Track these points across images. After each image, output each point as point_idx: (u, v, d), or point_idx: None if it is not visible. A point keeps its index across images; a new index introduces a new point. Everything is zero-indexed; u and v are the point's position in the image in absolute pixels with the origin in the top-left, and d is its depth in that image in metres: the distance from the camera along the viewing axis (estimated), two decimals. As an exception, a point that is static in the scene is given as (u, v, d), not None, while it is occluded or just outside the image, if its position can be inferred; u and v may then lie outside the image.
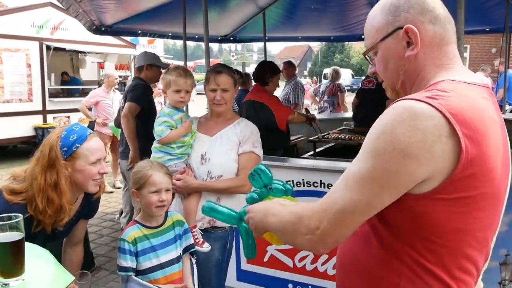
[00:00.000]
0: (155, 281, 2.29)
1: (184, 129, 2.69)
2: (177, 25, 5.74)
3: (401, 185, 1.06)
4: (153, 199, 2.26)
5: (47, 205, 1.99)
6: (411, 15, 1.20)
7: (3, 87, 10.08)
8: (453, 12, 3.14)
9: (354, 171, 1.11)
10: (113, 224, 6.02)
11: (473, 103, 1.10)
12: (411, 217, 1.10)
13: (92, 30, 5.69)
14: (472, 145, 1.04)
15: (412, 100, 1.07)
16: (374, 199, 1.09)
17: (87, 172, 2.09)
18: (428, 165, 1.03)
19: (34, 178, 2.00)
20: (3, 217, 1.31)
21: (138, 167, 2.36)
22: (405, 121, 1.04)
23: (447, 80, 1.16)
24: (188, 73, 2.75)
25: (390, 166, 1.04)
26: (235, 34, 7.62)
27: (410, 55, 1.21)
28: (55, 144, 2.04)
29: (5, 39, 10.10)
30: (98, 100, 7.33)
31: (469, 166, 1.04)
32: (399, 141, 1.03)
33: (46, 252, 1.47)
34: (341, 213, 1.11)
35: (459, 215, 1.08)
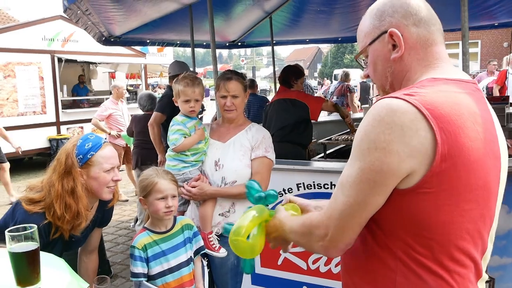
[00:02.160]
0: (166, 285, 2.32)
1: (198, 136, 2.72)
2: (185, 33, 5.80)
3: (387, 182, 1.10)
4: (160, 206, 2.30)
5: (65, 211, 2.06)
6: (395, 19, 1.25)
7: (17, 101, 10.26)
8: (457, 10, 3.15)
9: (347, 176, 1.17)
10: (129, 232, 6.07)
11: (450, 97, 1.14)
12: (399, 213, 1.14)
13: (102, 42, 5.77)
14: (448, 138, 1.07)
15: (390, 98, 1.12)
16: (367, 199, 1.13)
17: (101, 179, 2.17)
18: (408, 160, 1.07)
19: (52, 185, 2.08)
20: (18, 228, 1.35)
21: (144, 175, 2.41)
22: (383, 119, 1.09)
23: (429, 78, 1.21)
24: (196, 82, 2.75)
25: (374, 165, 1.09)
26: (243, 40, 7.65)
27: (395, 57, 1.26)
28: (71, 151, 2.13)
29: (18, 53, 10.29)
30: (110, 113, 7.40)
31: (448, 158, 1.07)
32: (379, 140, 1.08)
33: (61, 261, 1.51)
34: (343, 217, 1.17)
35: (445, 208, 1.11)
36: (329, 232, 1.20)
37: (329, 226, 1.20)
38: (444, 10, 6.33)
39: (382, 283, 1.21)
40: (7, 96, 10.13)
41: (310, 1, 6.10)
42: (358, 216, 1.16)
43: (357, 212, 1.16)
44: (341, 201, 1.18)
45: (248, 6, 5.90)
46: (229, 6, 5.62)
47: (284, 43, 8.42)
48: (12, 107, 10.19)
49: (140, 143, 5.66)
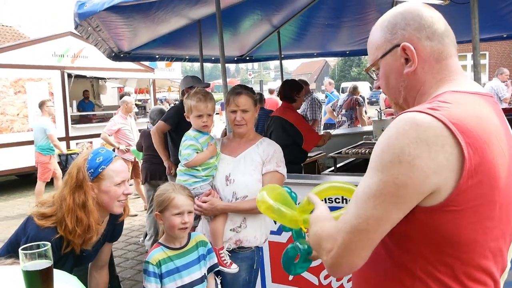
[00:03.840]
0: None
1: (210, 152, 2.72)
2: (194, 48, 5.84)
3: (410, 198, 1.06)
4: (176, 222, 2.29)
5: (76, 225, 2.07)
6: (407, 32, 1.22)
7: (27, 116, 10.35)
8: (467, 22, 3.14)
9: (363, 188, 1.11)
10: (138, 247, 6.05)
11: (475, 112, 1.11)
12: (423, 231, 1.10)
13: (111, 57, 5.82)
14: (475, 153, 1.04)
15: (413, 112, 1.09)
16: (386, 214, 1.07)
17: (112, 193, 2.18)
18: (434, 176, 1.03)
19: (63, 199, 2.09)
20: (32, 246, 1.34)
21: (161, 190, 2.40)
22: (408, 133, 1.05)
23: (448, 91, 1.17)
24: (208, 97, 2.76)
25: (398, 179, 1.04)
26: (251, 54, 7.69)
27: (408, 71, 1.23)
28: (82, 166, 2.14)
29: (28, 69, 10.42)
30: (119, 128, 7.45)
31: (474, 174, 1.04)
32: (404, 153, 1.04)
33: (74, 278, 1.50)
34: (354, 232, 1.10)
35: (470, 226, 1.08)
36: (334, 247, 1.13)
37: (336, 240, 1.13)
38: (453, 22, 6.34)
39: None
40: (17, 112, 10.23)
41: (318, 15, 6.13)
42: (373, 231, 1.09)
43: (372, 227, 1.08)
44: (355, 214, 1.10)
45: (256, 21, 5.95)
46: (237, 21, 5.66)
47: (292, 57, 8.44)
48: (22, 122, 10.28)
49: (150, 158, 5.67)
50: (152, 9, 4.23)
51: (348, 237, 1.10)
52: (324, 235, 1.18)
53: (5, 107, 10.01)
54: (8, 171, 9.79)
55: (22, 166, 10.07)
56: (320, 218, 1.31)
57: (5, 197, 9.23)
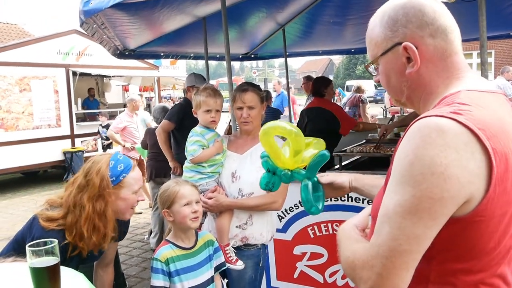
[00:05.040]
0: None
1: (216, 148, 2.72)
2: (199, 46, 5.83)
3: (447, 211, 0.99)
4: (186, 212, 2.28)
5: (93, 233, 2.05)
6: (409, 30, 1.15)
7: (33, 114, 10.39)
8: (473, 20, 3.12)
9: (395, 206, 1.01)
10: (143, 244, 6.07)
11: (495, 114, 1.05)
12: (444, 240, 1.03)
13: (116, 55, 5.82)
14: (500, 160, 0.99)
15: (436, 117, 1.01)
16: (426, 231, 0.99)
17: (130, 200, 2.19)
18: (469, 186, 0.97)
19: (81, 206, 2.04)
20: (39, 243, 1.35)
21: (163, 188, 2.40)
22: (436, 141, 0.97)
23: (463, 90, 1.10)
24: (217, 93, 2.77)
25: (433, 192, 0.96)
26: (256, 52, 7.68)
27: (411, 72, 1.16)
28: (105, 173, 2.10)
29: (33, 67, 10.46)
30: (125, 125, 7.47)
31: (500, 182, 0.99)
32: (435, 164, 0.96)
33: (81, 276, 1.50)
34: (395, 255, 1.01)
35: (494, 235, 1.03)
36: (372, 275, 1.03)
37: (373, 266, 1.03)
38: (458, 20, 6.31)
39: None
40: (22, 110, 10.27)
41: (323, 13, 6.11)
42: (416, 251, 1.00)
43: (415, 247, 0.99)
44: (390, 236, 1.01)
45: (261, 19, 5.93)
46: (242, 19, 5.65)
47: (297, 54, 8.43)
48: (27, 120, 10.32)
49: (154, 155, 5.68)
50: (157, 7, 4.22)
51: (389, 261, 1.01)
52: (359, 263, 1.08)
53: (11, 105, 10.05)
54: (14, 168, 9.84)
55: (27, 164, 10.12)
56: (348, 235, 1.22)
57: (11, 195, 9.26)
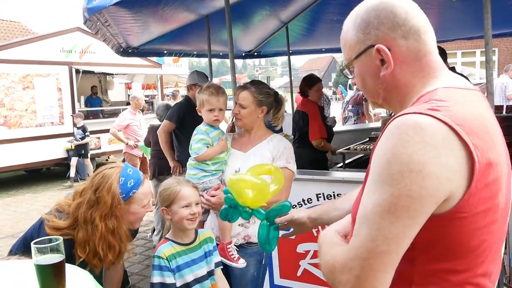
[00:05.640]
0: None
1: (220, 147, 2.72)
2: (202, 43, 5.82)
3: (426, 209, 0.97)
4: (185, 213, 2.29)
5: (108, 251, 2.04)
6: (381, 32, 1.14)
7: (36, 112, 10.41)
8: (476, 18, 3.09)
9: (373, 206, 0.99)
10: (146, 242, 6.08)
11: (473, 109, 1.05)
12: (426, 238, 1.01)
13: (120, 53, 5.82)
14: (482, 155, 0.98)
15: (413, 114, 1.00)
16: (405, 231, 0.97)
17: (139, 214, 2.20)
18: (448, 183, 0.95)
19: (94, 225, 2.02)
20: (44, 240, 1.35)
21: (165, 185, 2.40)
22: (414, 139, 0.96)
23: (440, 88, 1.09)
24: (220, 91, 2.77)
25: (412, 190, 0.94)
26: (259, 49, 7.66)
27: (385, 74, 1.15)
28: (116, 191, 2.08)
29: (37, 65, 10.47)
30: (128, 123, 7.47)
31: (482, 178, 0.97)
32: (413, 162, 0.94)
33: (86, 273, 1.50)
34: (373, 256, 0.98)
35: (477, 232, 1.01)
36: (351, 277, 1.00)
37: (352, 269, 1.00)
38: (462, 18, 6.30)
39: None
40: (26, 107, 10.29)
41: (326, 11, 6.09)
42: (395, 252, 0.98)
43: (393, 248, 0.97)
44: (368, 237, 0.99)
45: (264, 16, 5.92)
46: (246, 17, 5.64)
47: (300, 52, 8.41)
48: (30, 118, 10.35)
49: (157, 153, 5.68)
50: (161, 4, 4.22)
51: (367, 263, 0.99)
52: (338, 266, 1.05)
53: (14, 103, 10.08)
54: (17, 166, 9.87)
55: (30, 162, 10.14)
56: (329, 240, 1.19)
57: (14, 192, 9.29)
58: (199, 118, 2.87)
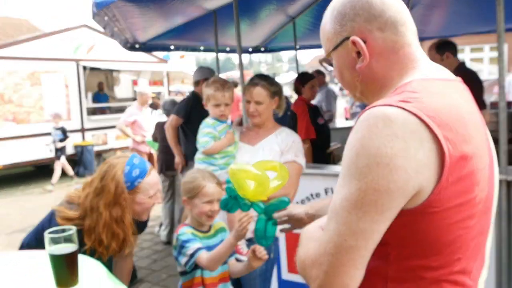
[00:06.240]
0: (200, 278, 2.32)
1: (227, 140, 2.72)
2: (209, 39, 5.82)
3: (395, 203, 0.95)
4: (205, 209, 2.30)
5: (112, 240, 2.05)
6: (357, 23, 1.12)
7: (43, 108, 10.46)
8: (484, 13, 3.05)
9: (341, 201, 0.98)
10: (153, 237, 6.10)
11: (449, 101, 1.02)
12: (399, 234, 1.00)
13: (127, 48, 5.82)
14: (454, 148, 0.95)
15: (384, 106, 0.98)
16: (373, 226, 0.95)
17: (146, 205, 2.19)
18: (416, 176, 0.93)
19: (98, 213, 2.04)
20: (57, 230, 1.36)
21: (190, 177, 2.40)
22: (382, 131, 0.94)
23: (416, 79, 1.07)
24: (226, 86, 2.77)
25: (379, 184, 0.93)
26: (266, 45, 7.64)
27: (361, 67, 1.13)
28: (120, 180, 2.09)
29: (44, 62, 10.52)
30: (135, 119, 7.49)
31: (454, 171, 0.95)
32: (381, 155, 0.92)
33: (98, 264, 1.51)
34: (341, 252, 0.97)
35: (451, 227, 0.98)
36: (320, 273, 0.99)
37: (321, 264, 0.99)
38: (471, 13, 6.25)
39: None
40: (34, 104, 10.35)
41: (334, 5, 6.06)
42: (363, 247, 0.96)
43: (361, 243, 0.95)
44: (336, 232, 0.97)
45: (271, 11, 5.90)
46: (253, 12, 5.62)
47: (307, 47, 8.36)
48: (39, 114, 10.40)
49: (164, 149, 5.69)
50: (168, -1, 4.22)
51: (335, 258, 0.97)
52: (309, 262, 1.04)
53: (22, 99, 10.14)
54: (25, 162, 9.92)
55: (39, 158, 10.20)
56: (308, 236, 1.16)
57: (22, 188, 9.35)
58: (206, 113, 2.87)
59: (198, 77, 5.18)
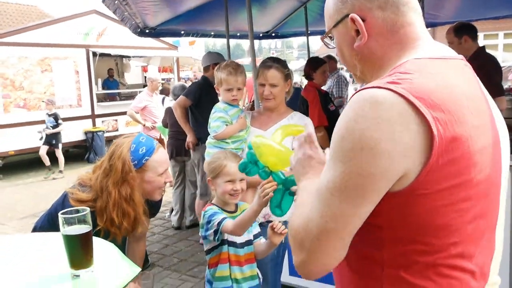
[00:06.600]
0: (226, 254, 2.32)
1: (239, 125, 2.70)
2: (219, 24, 5.78)
3: (378, 187, 0.94)
4: (227, 188, 2.32)
5: (123, 218, 2.04)
6: (358, 1, 1.11)
7: (54, 94, 10.50)
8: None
9: (327, 182, 0.98)
10: (164, 222, 6.13)
11: (443, 81, 0.99)
12: (390, 218, 0.99)
13: (137, 33, 5.81)
14: (445, 129, 0.93)
15: (372, 88, 0.96)
16: (354, 209, 0.96)
17: (156, 183, 2.16)
18: (401, 160, 0.92)
19: (108, 193, 2.03)
20: (71, 211, 1.35)
21: (213, 158, 2.42)
22: (368, 114, 0.93)
23: (411, 60, 1.05)
24: (239, 70, 2.74)
25: (362, 169, 0.93)
26: (276, 30, 7.58)
27: (358, 45, 1.12)
28: (127, 158, 2.07)
29: (54, 48, 10.53)
30: (145, 105, 7.49)
31: (445, 153, 0.93)
32: (365, 138, 0.92)
33: (111, 245, 1.50)
34: (324, 232, 0.98)
35: (443, 210, 0.96)
36: (303, 252, 1.01)
37: (304, 241, 1.01)
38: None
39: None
40: (44, 90, 10.39)
41: (346, -11, 5.98)
42: (342, 229, 0.97)
43: (341, 225, 0.96)
44: (319, 213, 0.98)
45: (283, -5, 5.84)
46: (264, -4, 5.57)
47: (319, 33, 8.28)
48: (49, 100, 10.44)
49: (175, 134, 5.70)
50: (179, -18, 4.18)
51: (316, 239, 0.99)
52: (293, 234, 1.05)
53: (33, 86, 10.18)
54: (36, 148, 9.98)
55: (49, 143, 10.26)
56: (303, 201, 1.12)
57: (34, 174, 9.43)
58: (216, 98, 2.85)
59: (208, 62, 5.16)
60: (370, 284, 1.05)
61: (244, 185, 2.38)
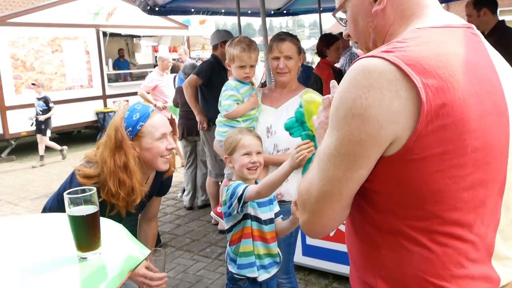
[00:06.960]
0: (249, 229, 2.29)
1: (251, 103, 2.63)
2: (229, 1, 5.65)
3: (369, 153, 0.98)
4: (245, 161, 2.27)
5: (119, 187, 2.00)
6: None
7: (65, 75, 10.48)
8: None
9: (324, 148, 1.06)
10: (176, 202, 6.13)
11: (436, 48, 1.00)
12: (386, 183, 1.02)
13: (146, 11, 5.71)
14: (435, 95, 0.94)
15: (367, 57, 0.99)
16: (347, 173, 1.01)
17: (154, 149, 2.09)
18: (390, 126, 0.95)
19: (104, 162, 2.01)
20: (77, 191, 1.30)
21: (228, 135, 2.39)
22: (360, 83, 0.96)
23: (412, 29, 1.07)
24: (252, 47, 2.66)
25: (353, 135, 0.97)
26: (288, 7, 7.42)
27: (377, 9, 1.12)
28: (120, 125, 2.04)
29: (64, 28, 10.48)
30: (156, 84, 7.43)
31: (435, 118, 0.94)
32: (356, 106, 0.96)
33: (120, 226, 1.45)
34: (320, 195, 1.06)
35: (435, 175, 0.97)
36: (305, 212, 1.11)
37: (306, 202, 1.10)
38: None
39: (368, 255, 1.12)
40: (55, 71, 10.38)
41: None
42: (338, 193, 1.04)
43: (336, 189, 1.03)
44: (319, 177, 1.06)
45: (295, -29, 5.69)
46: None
47: (331, 10, 8.11)
48: (60, 81, 10.45)
49: (185, 113, 5.64)
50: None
51: (315, 201, 1.07)
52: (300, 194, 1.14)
53: (44, 66, 10.17)
54: (49, 129, 10.02)
55: (62, 125, 10.29)
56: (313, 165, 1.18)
57: (47, 154, 9.46)
58: (226, 77, 2.78)
59: (216, 40, 5.06)
60: (372, 250, 1.10)
61: (261, 158, 2.31)
